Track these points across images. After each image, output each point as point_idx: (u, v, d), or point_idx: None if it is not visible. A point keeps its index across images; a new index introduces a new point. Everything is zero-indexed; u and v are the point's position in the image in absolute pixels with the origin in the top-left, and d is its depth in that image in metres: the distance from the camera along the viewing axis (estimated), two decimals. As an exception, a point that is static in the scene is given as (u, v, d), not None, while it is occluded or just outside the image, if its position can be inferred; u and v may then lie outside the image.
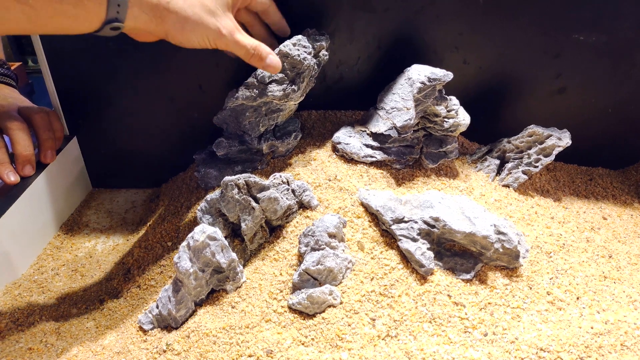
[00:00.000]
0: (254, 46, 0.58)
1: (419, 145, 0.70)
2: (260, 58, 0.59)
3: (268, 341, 0.51)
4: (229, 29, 0.57)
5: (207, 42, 0.57)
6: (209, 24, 0.55)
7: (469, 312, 0.53)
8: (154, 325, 0.57)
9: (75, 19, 0.49)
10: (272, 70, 0.61)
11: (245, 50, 0.58)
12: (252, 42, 0.58)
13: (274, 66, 0.60)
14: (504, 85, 0.77)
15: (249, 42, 0.58)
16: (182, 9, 0.53)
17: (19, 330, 0.59)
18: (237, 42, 0.57)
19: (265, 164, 0.72)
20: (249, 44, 0.58)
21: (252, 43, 0.58)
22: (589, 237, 0.67)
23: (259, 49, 0.59)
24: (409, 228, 0.58)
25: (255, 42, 0.59)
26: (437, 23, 0.71)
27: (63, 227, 0.78)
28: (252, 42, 0.58)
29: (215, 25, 0.56)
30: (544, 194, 0.75)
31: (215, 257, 0.54)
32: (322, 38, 0.69)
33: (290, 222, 0.62)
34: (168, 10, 0.53)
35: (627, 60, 0.74)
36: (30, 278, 0.68)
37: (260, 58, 0.59)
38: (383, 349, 0.51)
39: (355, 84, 0.77)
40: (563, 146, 0.70)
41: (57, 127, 0.75)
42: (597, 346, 0.50)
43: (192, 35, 0.55)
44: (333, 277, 0.55)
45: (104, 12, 0.50)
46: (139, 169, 0.85)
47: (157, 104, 0.78)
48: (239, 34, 0.58)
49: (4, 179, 0.66)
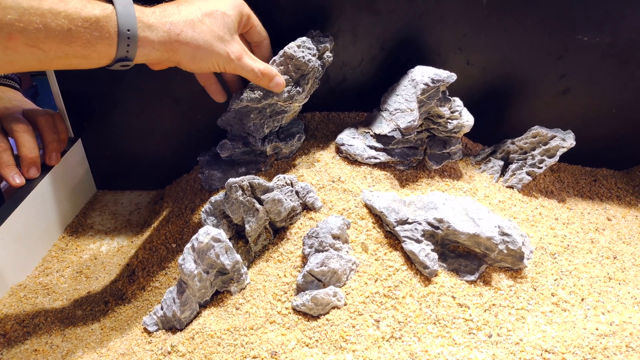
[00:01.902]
0: (262, 70, 0.61)
1: (423, 146, 0.70)
2: (269, 80, 0.62)
3: (272, 342, 0.51)
4: (237, 54, 0.58)
5: (217, 67, 0.58)
6: (219, 51, 0.57)
7: (473, 313, 0.53)
8: (158, 326, 0.57)
9: (85, 59, 0.50)
10: (278, 90, 0.64)
11: (253, 74, 0.61)
12: (260, 66, 0.61)
13: (280, 86, 0.63)
14: (508, 86, 0.77)
15: (257, 67, 0.61)
16: (193, 39, 0.54)
17: (24, 332, 0.60)
18: (245, 67, 0.60)
19: (269, 165, 0.72)
20: (257, 68, 0.61)
21: (260, 67, 0.61)
22: (594, 238, 0.67)
23: (266, 72, 0.61)
24: (413, 229, 0.58)
25: (262, 66, 0.61)
26: (440, 24, 0.71)
27: (68, 229, 0.78)
28: (259, 65, 0.61)
29: (225, 52, 0.57)
30: (548, 195, 0.75)
31: (219, 258, 0.54)
32: (326, 40, 0.69)
33: (294, 223, 0.62)
34: (179, 42, 0.53)
35: (631, 61, 0.74)
36: (35, 280, 0.68)
37: (269, 80, 0.62)
38: (387, 351, 0.51)
39: (358, 85, 0.77)
40: (567, 147, 0.70)
41: (61, 129, 0.75)
42: (602, 347, 0.50)
43: (203, 63, 0.57)
44: (337, 279, 0.55)
45: (114, 52, 0.51)
46: (143, 171, 0.86)
47: (161, 106, 0.78)
48: (247, 58, 0.60)
49: (10, 182, 0.66)
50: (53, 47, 0.47)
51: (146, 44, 0.52)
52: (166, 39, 0.53)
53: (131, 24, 0.50)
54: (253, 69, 0.60)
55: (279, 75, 0.63)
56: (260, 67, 0.61)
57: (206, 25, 0.55)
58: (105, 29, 0.49)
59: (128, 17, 0.50)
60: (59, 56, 0.48)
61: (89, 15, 0.48)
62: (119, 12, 0.49)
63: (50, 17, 0.46)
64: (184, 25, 0.54)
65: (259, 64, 0.61)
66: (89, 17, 0.48)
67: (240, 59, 0.59)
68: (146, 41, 0.51)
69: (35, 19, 0.45)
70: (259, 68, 0.61)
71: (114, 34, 0.49)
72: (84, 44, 0.48)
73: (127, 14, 0.50)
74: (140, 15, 0.51)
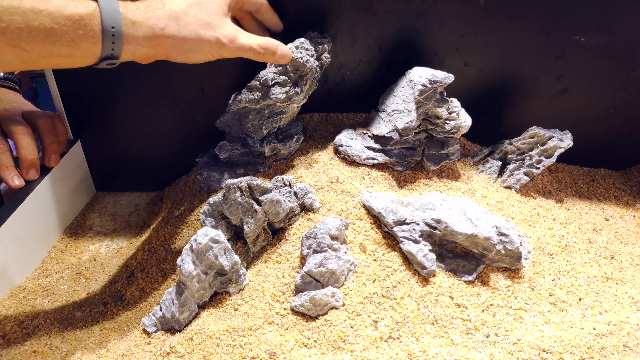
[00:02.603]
0: (262, 44, 0.57)
1: (421, 147, 0.71)
2: (272, 53, 0.58)
3: (271, 343, 0.51)
4: (229, 37, 0.56)
5: (209, 55, 0.56)
6: (208, 39, 0.55)
7: (471, 313, 0.53)
8: (157, 327, 0.57)
9: (70, 58, 0.50)
10: (285, 60, 0.60)
11: (253, 52, 0.57)
12: (258, 41, 0.57)
13: (287, 57, 0.60)
14: (506, 86, 0.77)
15: (255, 42, 0.57)
16: (178, 31, 0.53)
17: (23, 333, 0.60)
18: (242, 47, 0.56)
19: (267, 166, 0.72)
20: (255, 44, 0.57)
21: (258, 42, 0.57)
22: (591, 238, 0.67)
23: (267, 45, 0.58)
24: (410, 230, 0.58)
25: (261, 40, 0.58)
26: (438, 25, 0.71)
27: (67, 231, 0.78)
28: (257, 41, 0.57)
29: (214, 37, 0.55)
30: (546, 195, 0.75)
31: (218, 259, 0.54)
32: (325, 41, 0.69)
33: (292, 224, 0.62)
34: (164, 36, 0.52)
35: (629, 61, 0.74)
36: (34, 281, 0.68)
37: (272, 53, 0.58)
38: (385, 351, 0.51)
39: (356, 86, 0.78)
40: (564, 147, 0.70)
41: (60, 131, 0.75)
42: (599, 347, 0.50)
43: (193, 53, 0.55)
44: (335, 279, 0.55)
45: (99, 50, 0.50)
46: (142, 172, 0.86)
47: (160, 108, 0.79)
48: (242, 37, 0.57)
49: (9, 183, 0.66)
50: (36, 47, 0.47)
51: (131, 40, 0.51)
52: (151, 34, 0.52)
53: (116, 21, 0.49)
54: (252, 46, 0.57)
55: (282, 45, 0.59)
56: (259, 42, 0.57)
57: (191, 15, 0.54)
58: (89, 27, 0.48)
59: (112, 14, 0.49)
60: (43, 56, 0.48)
61: (72, 14, 0.47)
62: (102, 9, 0.49)
63: (32, 16, 0.46)
64: (167, 19, 0.53)
65: (258, 40, 0.57)
66: (71, 15, 0.47)
67: (234, 40, 0.56)
68: (131, 38, 0.51)
69: (17, 18, 0.45)
70: (258, 43, 0.57)
71: (99, 31, 0.49)
72: (68, 43, 0.48)
73: (111, 11, 0.49)
74: (125, 12, 0.50)
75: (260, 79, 0.66)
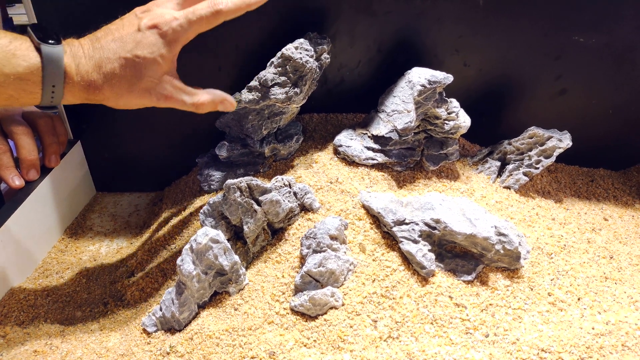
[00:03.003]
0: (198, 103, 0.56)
1: (420, 147, 0.71)
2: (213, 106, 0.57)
3: (270, 343, 0.52)
4: (166, 94, 0.55)
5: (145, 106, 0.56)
6: (143, 98, 0.55)
7: (470, 313, 0.54)
8: (157, 327, 0.57)
9: (18, 99, 0.51)
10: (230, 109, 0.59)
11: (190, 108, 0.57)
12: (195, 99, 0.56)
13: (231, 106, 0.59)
14: (505, 87, 0.77)
15: (191, 101, 0.56)
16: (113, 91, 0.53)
17: (24, 333, 0.60)
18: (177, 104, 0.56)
19: (267, 167, 0.72)
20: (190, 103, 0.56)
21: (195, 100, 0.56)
22: (590, 238, 0.67)
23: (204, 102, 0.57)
24: (410, 230, 0.58)
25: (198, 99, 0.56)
26: (437, 26, 0.71)
27: (67, 231, 0.79)
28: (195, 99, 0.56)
29: (149, 98, 0.55)
30: (545, 196, 0.75)
31: (217, 259, 0.55)
32: (324, 41, 0.69)
33: (292, 224, 0.62)
34: (102, 92, 0.53)
35: (628, 62, 0.74)
36: (35, 281, 0.68)
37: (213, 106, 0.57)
38: (385, 351, 0.51)
39: (356, 87, 0.78)
40: (563, 147, 0.71)
41: (61, 131, 0.75)
42: (598, 347, 0.50)
43: (130, 106, 0.56)
44: (335, 279, 0.56)
45: (39, 99, 0.52)
46: (142, 173, 0.86)
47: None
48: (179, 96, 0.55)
49: (9, 183, 0.66)
50: None
51: (68, 93, 0.52)
52: (89, 90, 0.53)
53: (57, 80, 0.51)
54: (185, 103, 0.56)
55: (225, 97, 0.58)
56: (195, 100, 0.56)
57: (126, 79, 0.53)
58: (29, 85, 0.50)
59: (54, 75, 0.50)
60: None
61: (12, 72, 0.49)
62: (45, 67, 0.50)
63: None
64: (104, 79, 0.52)
65: (196, 97, 0.56)
66: (11, 74, 0.49)
67: (170, 98, 0.55)
68: (69, 91, 0.52)
69: None
70: (193, 102, 0.56)
71: (38, 89, 0.51)
72: (15, 88, 0.50)
73: (54, 70, 0.50)
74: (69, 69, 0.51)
75: (260, 79, 0.66)
